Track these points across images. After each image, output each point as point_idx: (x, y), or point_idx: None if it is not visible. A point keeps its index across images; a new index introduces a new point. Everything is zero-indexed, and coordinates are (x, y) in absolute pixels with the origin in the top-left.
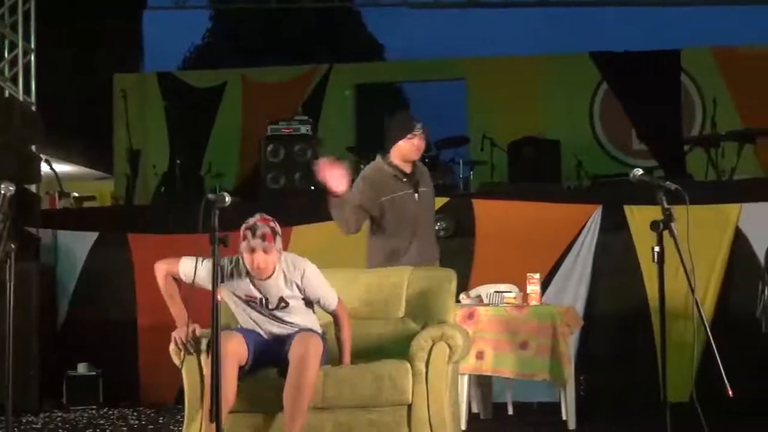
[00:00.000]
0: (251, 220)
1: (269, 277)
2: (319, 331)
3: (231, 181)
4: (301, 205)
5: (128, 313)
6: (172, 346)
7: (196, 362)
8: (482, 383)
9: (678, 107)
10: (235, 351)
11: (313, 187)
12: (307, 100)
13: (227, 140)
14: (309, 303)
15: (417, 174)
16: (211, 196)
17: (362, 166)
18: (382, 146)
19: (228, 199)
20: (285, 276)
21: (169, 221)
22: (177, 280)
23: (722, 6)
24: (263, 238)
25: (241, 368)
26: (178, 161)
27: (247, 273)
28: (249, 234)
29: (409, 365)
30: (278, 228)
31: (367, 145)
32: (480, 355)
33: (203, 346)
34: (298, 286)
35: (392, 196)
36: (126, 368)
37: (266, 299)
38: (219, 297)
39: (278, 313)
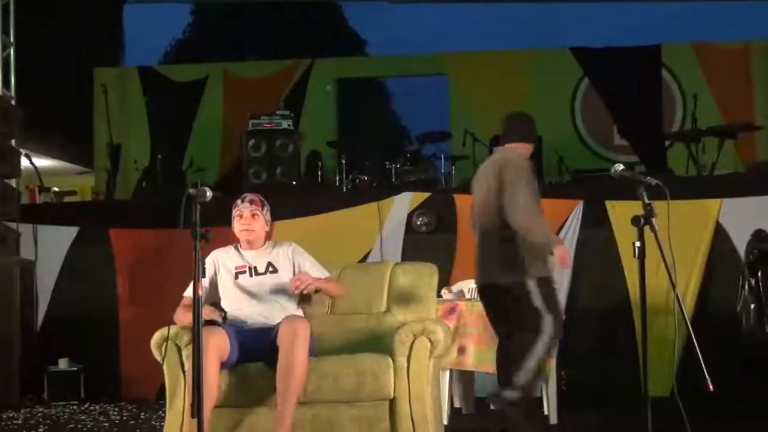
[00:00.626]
0: (241, 196)
1: (258, 248)
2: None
3: (212, 176)
4: (283, 200)
5: (109, 308)
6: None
7: (177, 357)
8: (464, 378)
9: (659, 103)
10: (216, 345)
11: (294, 182)
12: (289, 94)
13: (209, 135)
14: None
15: None
16: (192, 190)
17: (342, 160)
18: (362, 141)
19: (209, 194)
20: (273, 247)
21: (150, 216)
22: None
23: (702, 1)
24: (251, 202)
25: (224, 363)
26: (159, 156)
27: (236, 248)
28: (239, 202)
29: (390, 360)
30: (266, 203)
31: (348, 140)
32: (462, 350)
33: (184, 341)
34: (287, 257)
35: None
36: (107, 364)
37: (255, 267)
38: (200, 292)
39: (268, 279)
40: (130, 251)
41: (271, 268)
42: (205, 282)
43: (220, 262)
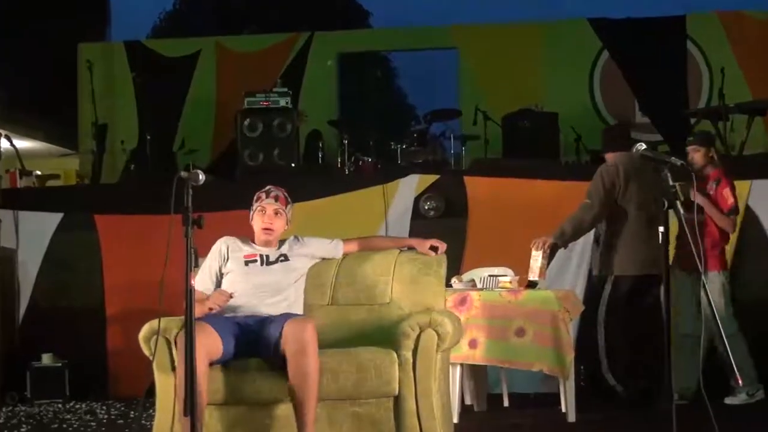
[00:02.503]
0: (265, 188)
1: (273, 247)
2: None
3: (205, 158)
4: (281, 184)
5: (95, 299)
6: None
7: (167, 353)
8: (476, 373)
9: (684, 77)
10: (204, 343)
11: (293, 165)
12: (287, 70)
13: (201, 114)
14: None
15: None
16: (183, 173)
17: (345, 141)
18: (366, 120)
19: (202, 177)
20: (287, 245)
21: (139, 201)
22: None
23: None
24: (276, 198)
25: (217, 360)
26: (148, 137)
27: (249, 242)
28: (263, 195)
29: (395, 354)
30: (290, 200)
31: (350, 119)
32: (473, 343)
33: (173, 335)
34: (299, 250)
35: None
36: (94, 359)
37: (267, 256)
38: (193, 282)
39: (277, 268)
40: (118, 239)
41: (282, 257)
42: (208, 271)
43: (230, 249)
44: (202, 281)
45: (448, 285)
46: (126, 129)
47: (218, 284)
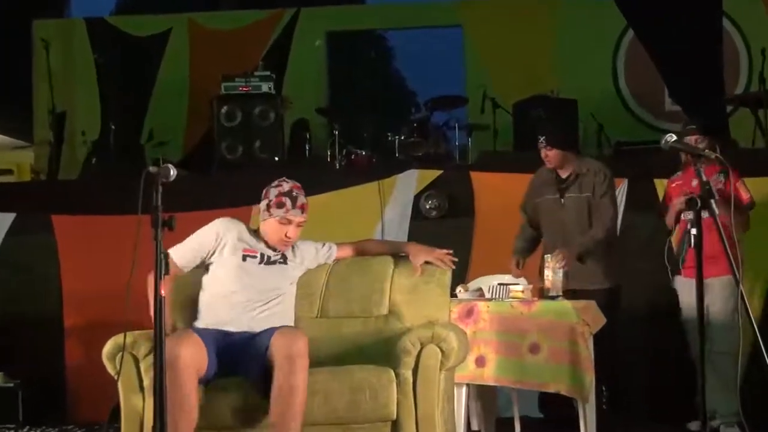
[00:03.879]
0: (285, 185)
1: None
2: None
3: (177, 151)
4: (263, 179)
5: (52, 310)
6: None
7: (135, 371)
8: (484, 395)
9: (719, 60)
10: (193, 357)
11: (277, 158)
12: (270, 51)
13: (172, 101)
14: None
15: (572, 179)
16: (152, 168)
17: (335, 131)
18: (359, 107)
19: (173, 172)
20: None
21: (102, 200)
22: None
23: None
24: (303, 209)
25: (200, 379)
26: (113, 126)
27: (254, 232)
28: (288, 202)
29: (392, 373)
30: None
31: (341, 107)
32: (480, 361)
33: (141, 352)
34: (295, 254)
35: (538, 200)
36: (50, 378)
37: (268, 256)
38: (163, 292)
39: (274, 269)
40: (78, 242)
41: (281, 259)
42: (196, 246)
43: (229, 235)
44: (181, 254)
45: (453, 295)
46: (87, 118)
47: (202, 266)
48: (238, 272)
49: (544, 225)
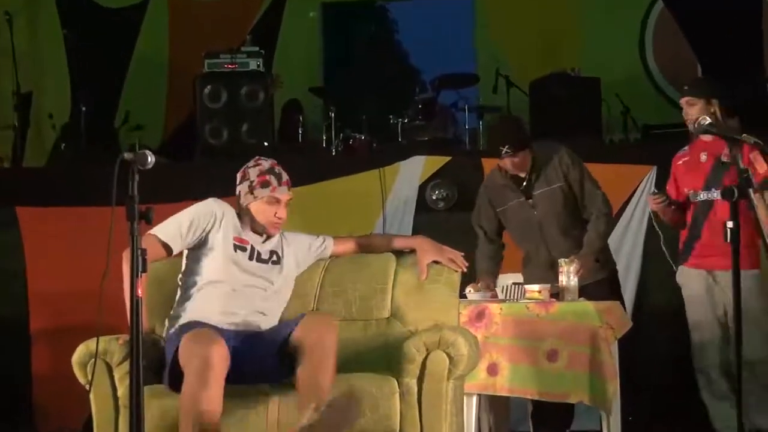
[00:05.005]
0: (264, 163)
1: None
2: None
3: (155, 136)
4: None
5: (17, 312)
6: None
7: (108, 379)
8: (496, 406)
9: (759, 33)
10: (223, 357)
11: (266, 143)
12: (258, 24)
13: (150, 80)
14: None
15: (535, 175)
16: (128, 155)
17: (331, 113)
18: (358, 87)
19: (151, 159)
20: (274, 240)
21: (72, 189)
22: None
23: None
24: (289, 186)
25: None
26: (84, 108)
27: (239, 216)
28: (272, 179)
29: (395, 382)
30: None
31: (338, 86)
32: (493, 369)
33: (116, 359)
34: (288, 248)
35: (502, 208)
36: (15, 386)
37: (258, 251)
38: (140, 292)
39: (267, 268)
40: (45, 236)
41: (274, 257)
42: (186, 226)
43: (224, 218)
44: (172, 232)
45: (462, 295)
46: (56, 99)
47: (195, 246)
48: (227, 263)
49: (517, 233)
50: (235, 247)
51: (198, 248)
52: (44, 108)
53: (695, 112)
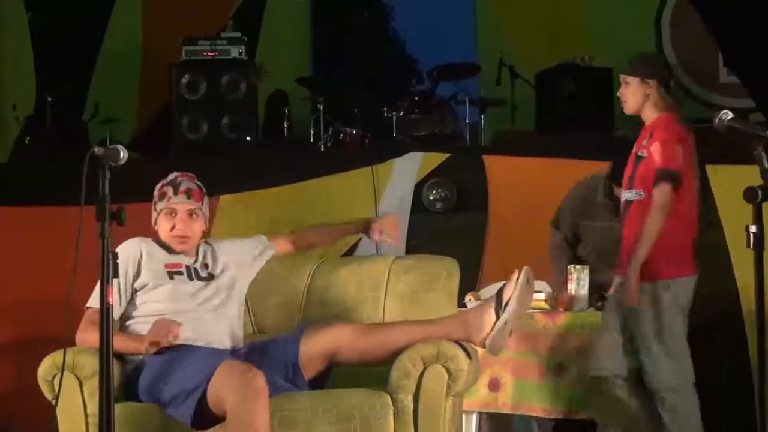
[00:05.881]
0: (170, 176)
1: (190, 255)
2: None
3: (127, 129)
4: (232, 163)
5: None
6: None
7: (78, 394)
8: (498, 424)
9: None
10: (266, 387)
11: (249, 138)
12: (241, 8)
13: (121, 69)
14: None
15: None
16: (98, 150)
17: (320, 106)
18: (349, 77)
19: (123, 154)
20: (201, 254)
21: (37, 187)
22: None
23: None
24: (188, 194)
25: None
26: (49, 99)
27: (158, 243)
28: (169, 190)
29: (389, 398)
30: (204, 189)
31: (328, 76)
32: (494, 384)
33: (85, 372)
34: (217, 257)
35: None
36: None
37: (193, 268)
38: (110, 299)
39: (208, 289)
40: (7, 239)
41: (206, 274)
42: (120, 283)
43: (144, 253)
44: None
45: (462, 304)
46: (19, 89)
47: (130, 302)
48: (169, 295)
49: (591, 251)
50: (170, 274)
51: (135, 293)
52: (6, 98)
53: (628, 92)
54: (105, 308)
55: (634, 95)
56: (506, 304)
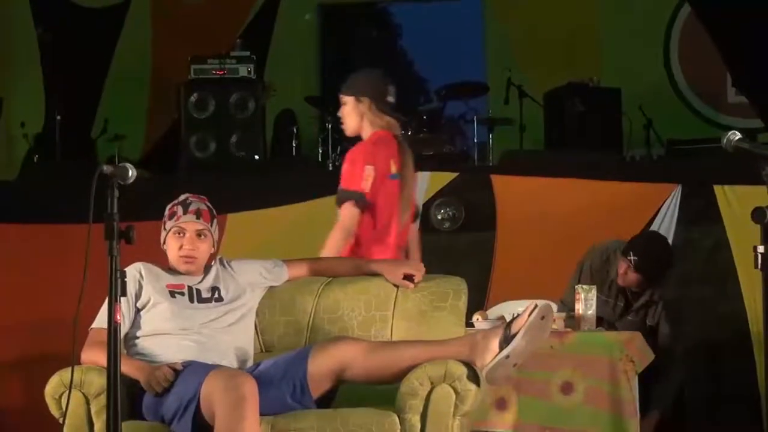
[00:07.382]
0: (181, 197)
1: (198, 276)
2: (251, 362)
3: (136, 147)
4: (241, 182)
5: None
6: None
7: (85, 413)
8: None
9: None
10: (255, 392)
11: (257, 156)
12: (250, 27)
13: (131, 87)
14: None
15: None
16: (107, 168)
17: (328, 125)
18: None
19: (132, 172)
20: (213, 273)
21: (45, 205)
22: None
23: None
24: (198, 215)
25: None
26: (59, 117)
27: (164, 268)
28: (179, 210)
29: (396, 418)
30: (214, 211)
31: (335, 95)
32: (501, 404)
33: (93, 390)
34: (232, 279)
35: None
36: None
37: (197, 290)
38: (118, 318)
39: (214, 309)
40: (15, 256)
41: (216, 295)
42: (123, 306)
43: (146, 274)
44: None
45: (469, 324)
46: (28, 106)
47: (133, 323)
48: (171, 313)
49: None
50: (172, 293)
51: (140, 310)
52: (16, 116)
53: (345, 110)
54: (113, 327)
55: (350, 115)
56: (512, 337)
